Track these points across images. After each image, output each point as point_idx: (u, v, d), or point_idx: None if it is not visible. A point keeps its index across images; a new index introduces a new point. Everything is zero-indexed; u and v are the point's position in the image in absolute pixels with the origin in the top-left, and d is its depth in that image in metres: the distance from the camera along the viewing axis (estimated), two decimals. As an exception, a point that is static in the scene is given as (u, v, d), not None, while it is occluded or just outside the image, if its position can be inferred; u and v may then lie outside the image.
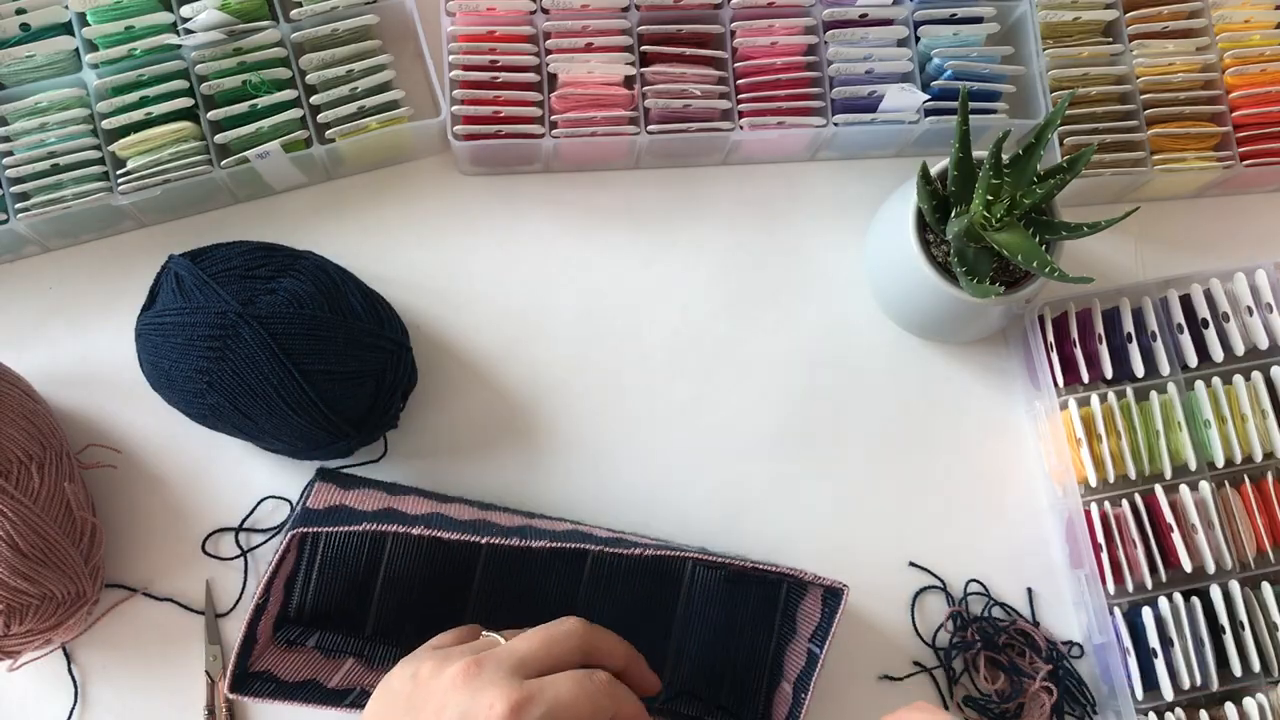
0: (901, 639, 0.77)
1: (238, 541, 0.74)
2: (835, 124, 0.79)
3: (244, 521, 0.75)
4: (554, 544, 0.63)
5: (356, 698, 0.67)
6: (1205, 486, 0.75)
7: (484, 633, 0.58)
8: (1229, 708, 0.72)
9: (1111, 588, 0.74)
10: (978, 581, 0.78)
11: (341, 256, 0.74)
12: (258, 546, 0.75)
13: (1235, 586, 0.74)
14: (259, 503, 0.75)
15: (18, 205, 0.72)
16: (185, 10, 0.74)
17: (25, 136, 0.73)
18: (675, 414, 0.79)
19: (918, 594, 0.77)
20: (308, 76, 0.75)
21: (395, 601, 0.72)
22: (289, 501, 0.75)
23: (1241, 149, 0.80)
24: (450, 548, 0.72)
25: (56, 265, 0.78)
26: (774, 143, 0.81)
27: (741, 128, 0.78)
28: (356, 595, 0.72)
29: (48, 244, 0.78)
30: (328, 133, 0.75)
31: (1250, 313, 0.78)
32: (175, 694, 0.72)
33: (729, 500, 0.78)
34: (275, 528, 0.75)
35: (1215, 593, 0.74)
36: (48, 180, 0.73)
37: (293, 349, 0.66)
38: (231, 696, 0.58)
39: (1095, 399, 0.76)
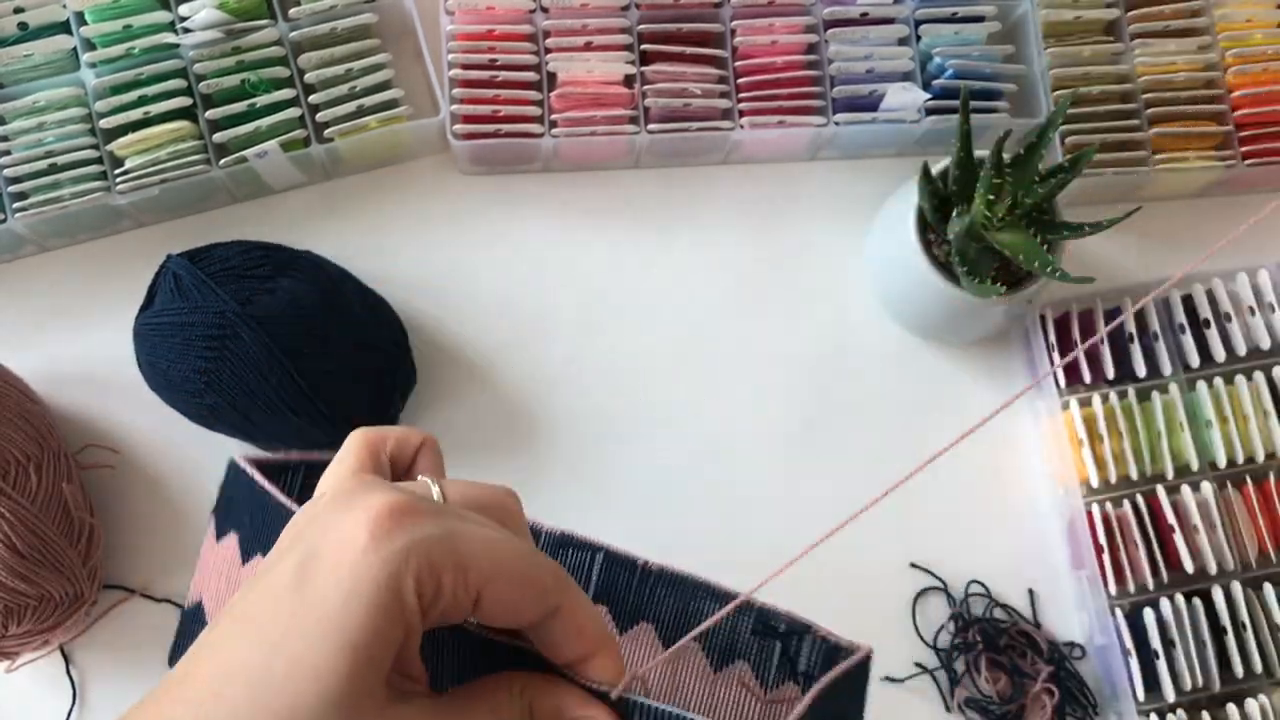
0: (903, 640, 0.76)
1: (236, 542, 0.74)
2: (836, 123, 0.78)
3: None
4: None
5: None
6: (1207, 487, 0.75)
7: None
8: (1231, 709, 0.72)
9: (1113, 589, 0.73)
10: (979, 583, 0.78)
11: (340, 256, 0.74)
12: (256, 547, 0.74)
13: (1237, 587, 0.73)
14: (258, 503, 0.75)
15: (15, 205, 0.72)
16: (183, 9, 0.74)
17: (23, 136, 0.73)
18: (675, 414, 0.79)
19: (919, 595, 0.77)
20: (306, 75, 0.75)
21: None
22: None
23: (1243, 148, 0.80)
24: None
25: (54, 265, 0.78)
26: (774, 142, 0.80)
27: (742, 127, 0.78)
28: None
29: (45, 244, 0.77)
30: (326, 132, 0.75)
31: (1252, 313, 0.78)
32: (174, 695, 0.72)
33: (729, 499, 0.77)
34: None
35: (1217, 594, 0.73)
36: (45, 180, 0.73)
37: (291, 349, 0.66)
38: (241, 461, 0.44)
39: (1097, 399, 0.76)
